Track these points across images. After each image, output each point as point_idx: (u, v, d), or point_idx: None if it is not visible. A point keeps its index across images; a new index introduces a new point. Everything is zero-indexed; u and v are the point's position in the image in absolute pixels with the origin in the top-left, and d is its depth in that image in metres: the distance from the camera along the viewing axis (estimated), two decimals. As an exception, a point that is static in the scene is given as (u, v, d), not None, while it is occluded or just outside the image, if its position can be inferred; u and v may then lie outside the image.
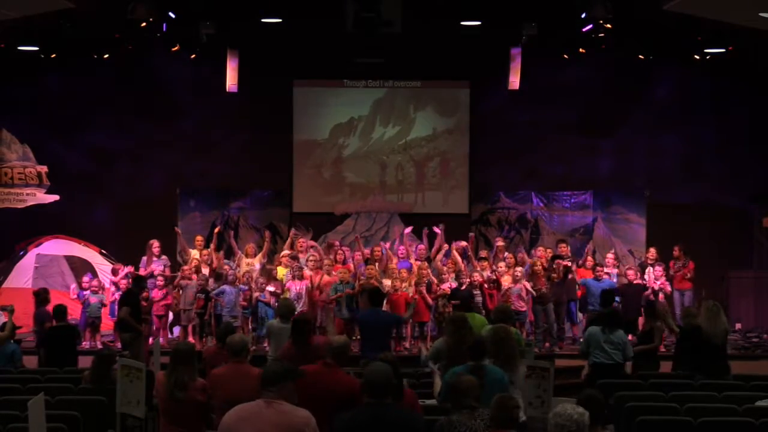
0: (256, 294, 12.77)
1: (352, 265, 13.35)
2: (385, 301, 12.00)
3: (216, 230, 14.23)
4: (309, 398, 5.50)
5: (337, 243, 14.30)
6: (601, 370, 8.91)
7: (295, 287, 12.62)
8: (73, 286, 13.64)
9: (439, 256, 13.28)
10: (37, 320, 11.21)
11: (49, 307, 11.16)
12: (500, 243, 14.40)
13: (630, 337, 9.88)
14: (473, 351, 6.54)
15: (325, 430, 5.06)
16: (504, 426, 4.85)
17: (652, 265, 13.51)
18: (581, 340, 10.92)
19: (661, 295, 13.27)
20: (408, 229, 14.20)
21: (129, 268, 13.24)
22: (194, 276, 12.98)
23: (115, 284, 13.14)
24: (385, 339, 9.25)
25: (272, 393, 4.69)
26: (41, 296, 11.48)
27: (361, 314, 10.34)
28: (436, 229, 13.45)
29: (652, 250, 13.80)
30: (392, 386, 4.92)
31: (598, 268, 13.22)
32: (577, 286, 13.26)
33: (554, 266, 12.92)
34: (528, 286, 12.72)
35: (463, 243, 13.50)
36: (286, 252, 13.59)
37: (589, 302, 12.98)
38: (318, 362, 6.16)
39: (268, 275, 13.31)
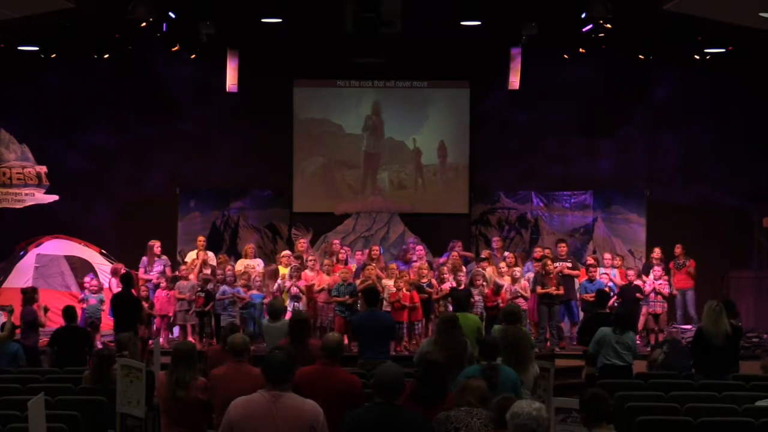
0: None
1: (353, 266, 13.37)
2: (385, 302, 12.13)
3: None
4: (311, 399, 5.51)
5: (337, 242, 14.33)
6: (611, 372, 8.86)
7: (292, 288, 12.64)
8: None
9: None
10: (23, 319, 11.14)
11: (36, 306, 11.17)
12: (498, 243, 14.51)
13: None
14: (486, 351, 6.54)
15: (330, 429, 5.06)
16: (506, 426, 4.83)
17: (656, 266, 13.53)
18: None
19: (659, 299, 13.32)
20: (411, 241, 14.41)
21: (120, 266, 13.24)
22: (192, 276, 12.99)
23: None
24: (383, 341, 9.12)
25: (282, 387, 4.68)
26: (28, 294, 11.43)
27: (356, 317, 10.20)
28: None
29: (657, 250, 13.77)
30: (402, 387, 4.91)
31: (591, 268, 13.25)
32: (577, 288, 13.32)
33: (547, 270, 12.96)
34: (526, 286, 12.76)
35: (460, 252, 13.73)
36: (286, 252, 13.61)
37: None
38: (316, 363, 6.19)
39: (274, 276, 13.32)
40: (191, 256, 13.88)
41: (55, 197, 15.68)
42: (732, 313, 9.48)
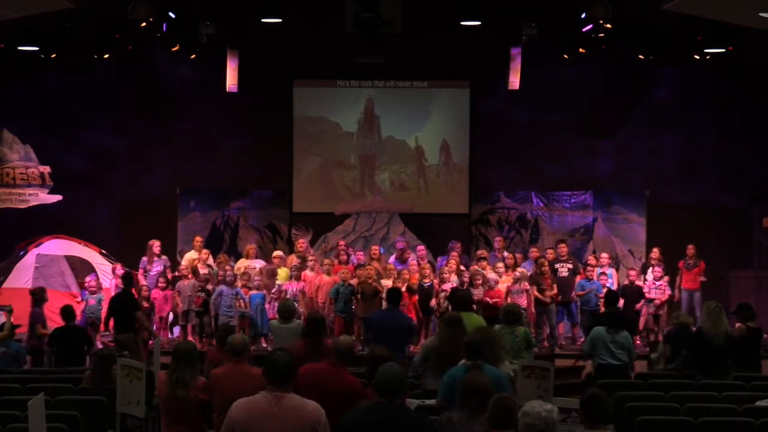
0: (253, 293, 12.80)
1: (353, 266, 13.37)
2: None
3: None
4: (313, 396, 5.52)
5: (343, 243, 14.32)
6: (607, 371, 8.92)
7: (291, 288, 12.65)
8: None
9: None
10: (32, 321, 11.13)
11: (45, 307, 11.15)
12: (500, 243, 14.49)
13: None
14: (469, 350, 6.55)
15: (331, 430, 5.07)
16: (500, 426, 4.83)
17: (655, 266, 13.50)
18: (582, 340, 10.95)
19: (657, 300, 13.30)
20: (400, 243, 14.31)
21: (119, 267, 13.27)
22: (191, 276, 12.99)
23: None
24: (399, 341, 9.08)
25: (284, 388, 4.69)
26: (37, 296, 11.42)
27: (376, 314, 10.19)
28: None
29: (656, 250, 13.77)
30: (404, 387, 4.91)
31: (589, 268, 13.24)
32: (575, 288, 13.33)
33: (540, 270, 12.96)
34: (527, 287, 12.74)
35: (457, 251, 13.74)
36: (278, 253, 13.61)
37: (583, 302, 13.11)
38: (324, 361, 6.21)
39: (272, 275, 13.31)
40: (190, 255, 13.88)
41: (59, 197, 15.71)
42: (748, 315, 9.45)
